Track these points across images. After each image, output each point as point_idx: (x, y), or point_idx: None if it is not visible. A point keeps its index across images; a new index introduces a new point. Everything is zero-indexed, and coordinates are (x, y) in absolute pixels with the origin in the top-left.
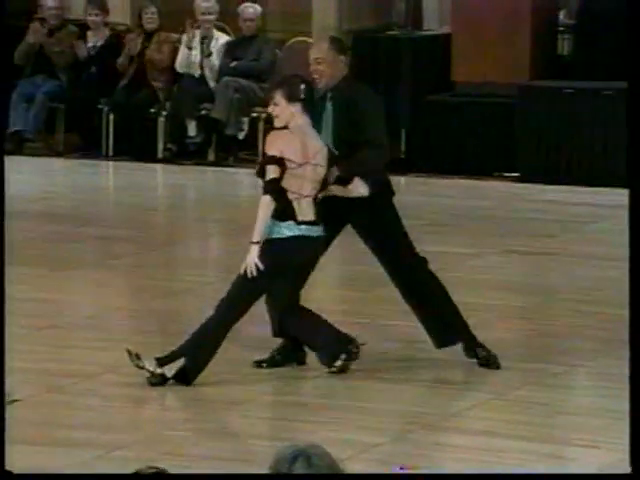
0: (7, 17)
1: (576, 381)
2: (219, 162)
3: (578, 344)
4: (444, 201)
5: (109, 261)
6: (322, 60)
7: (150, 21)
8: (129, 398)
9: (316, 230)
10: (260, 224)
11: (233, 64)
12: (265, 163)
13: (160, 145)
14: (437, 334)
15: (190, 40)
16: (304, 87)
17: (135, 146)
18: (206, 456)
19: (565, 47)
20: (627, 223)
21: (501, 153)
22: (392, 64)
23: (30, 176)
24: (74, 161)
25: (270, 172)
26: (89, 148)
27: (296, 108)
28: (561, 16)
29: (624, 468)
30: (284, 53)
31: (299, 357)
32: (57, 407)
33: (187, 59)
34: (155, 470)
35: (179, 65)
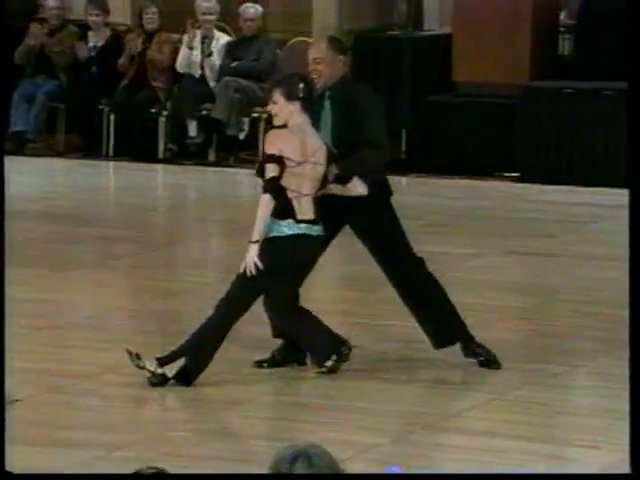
0: (8, 17)
1: (576, 381)
2: (220, 162)
3: (578, 344)
4: (444, 201)
5: (109, 261)
6: (321, 60)
7: (151, 21)
8: (129, 398)
9: (316, 229)
10: (259, 223)
11: (234, 64)
12: (264, 162)
13: (161, 145)
14: (435, 335)
15: (191, 40)
16: (303, 86)
17: (136, 146)
18: (206, 456)
19: (566, 47)
20: (627, 223)
21: (501, 153)
22: (393, 64)
23: (31, 176)
24: (75, 161)
25: (269, 171)
26: (90, 148)
27: (295, 107)
28: (562, 16)
29: (624, 468)
30: (285, 53)
31: (299, 357)
32: (57, 407)
33: (188, 59)
34: (155, 470)
35: (180, 65)
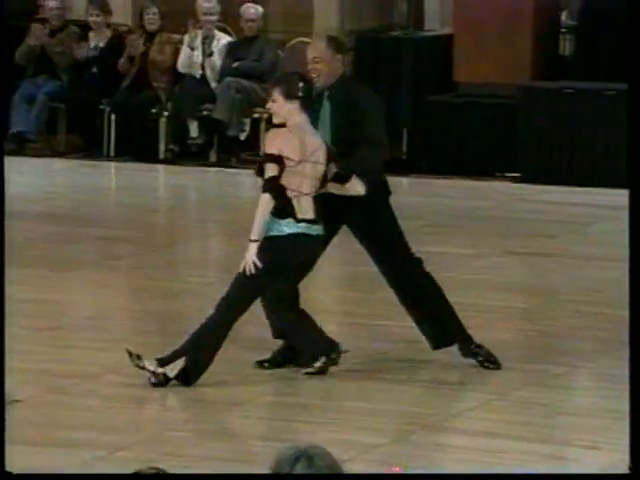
0: (8, 17)
1: (577, 382)
2: (221, 163)
3: (579, 345)
4: (445, 201)
5: (110, 262)
6: (320, 59)
7: (151, 22)
8: (130, 399)
9: (316, 229)
10: (258, 222)
11: (235, 64)
12: (264, 161)
13: (162, 146)
14: (433, 335)
15: (192, 40)
16: (303, 85)
17: (136, 147)
18: (206, 457)
19: (567, 48)
20: (627, 224)
21: (502, 153)
22: (394, 65)
23: (31, 177)
24: (75, 162)
25: (269, 170)
26: (90, 149)
27: (294, 105)
28: (563, 17)
29: (624, 469)
30: (286, 54)
31: (298, 358)
32: (57, 408)
33: (189, 59)
34: (155, 471)
35: (181, 65)
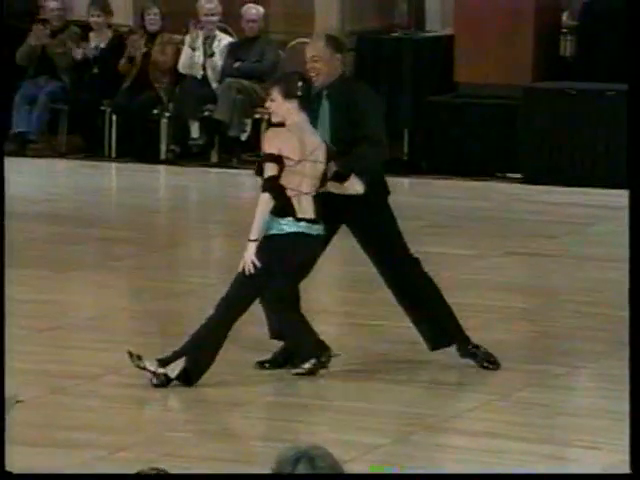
0: (9, 18)
1: (577, 382)
2: (222, 163)
3: (579, 345)
4: (446, 202)
5: (110, 262)
6: (319, 58)
7: (152, 22)
8: (130, 399)
9: (316, 228)
10: (258, 221)
11: (236, 65)
12: (263, 161)
13: (163, 146)
14: (431, 336)
15: (193, 41)
16: (302, 84)
17: (138, 147)
18: (207, 457)
19: (568, 48)
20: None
21: (503, 154)
22: (394, 65)
23: (32, 177)
24: (76, 162)
25: (268, 170)
26: (92, 149)
27: (292, 105)
28: (564, 17)
29: (625, 469)
30: (287, 54)
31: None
32: (58, 408)
33: (190, 60)
34: (156, 471)
35: (182, 66)
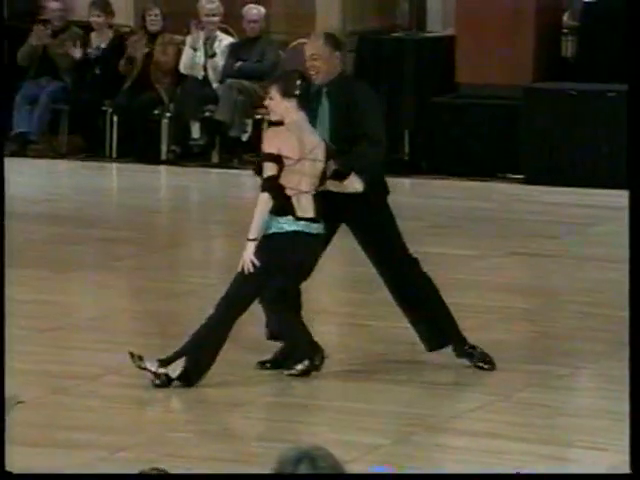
0: (10, 18)
1: (578, 383)
2: (223, 164)
3: (580, 346)
4: (446, 202)
5: (111, 263)
6: (318, 56)
7: (153, 23)
8: (131, 400)
9: (316, 227)
10: (257, 220)
11: (237, 64)
12: (262, 161)
13: (163, 147)
14: (429, 337)
15: (195, 41)
16: (300, 83)
17: (138, 148)
18: (208, 457)
19: (569, 49)
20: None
21: (505, 155)
22: (396, 66)
23: (33, 178)
24: (77, 163)
25: (267, 170)
26: (92, 150)
27: (291, 103)
28: (565, 18)
29: (626, 470)
30: (288, 55)
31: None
32: (59, 409)
33: (191, 61)
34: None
35: (183, 66)
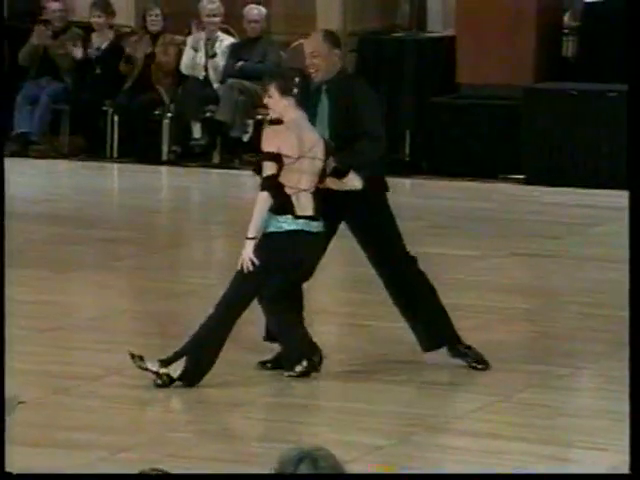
0: (11, 19)
1: (579, 383)
2: (224, 164)
3: (580, 346)
4: (447, 203)
5: (111, 263)
6: (317, 54)
7: (154, 23)
8: (132, 400)
9: (315, 225)
10: (256, 219)
11: (239, 64)
12: (262, 160)
13: (164, 147)
14: (426, 337)
15: (196, 42)
16: (299, 81)
17: (139, 148)
18: (208, 458)
19: (569, 49)
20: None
21: (506, 155)
22: (396, 66)
23: (34, 178)
24: (78, 163)
25: (267, 168)
26: (93, 150)
27: (289, 102)
28: (565, 18)
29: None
30: (288, 55)
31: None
32: (59, 409)
33: (192, 61)
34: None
35: (184, 67)
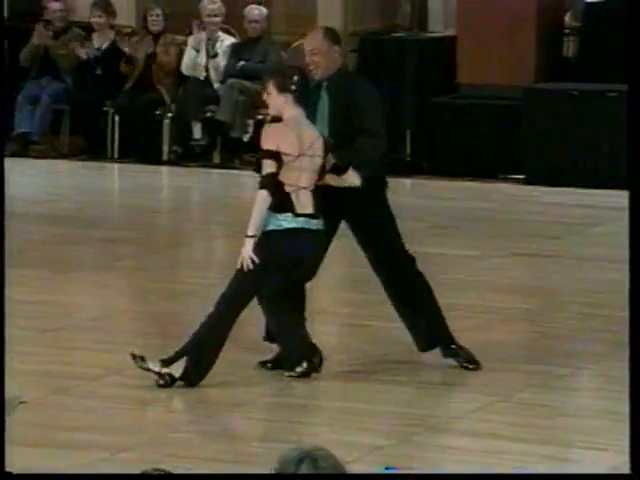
0: (12, 19)
1: (579, 383)
2: (224, 164)
3: (581, 346)
4: (447, 203)
5: (112, 263)
6: (317, 51)
7: (155, 23)
8: (132, 400)
9: (315, 223)
10: (255, 217)
11: (240, 64)
12: (261, 158)
13: (165, 147)
14: (422, 338)
15: (197, 42)
16: (297, 78)
17: (140, 148)
18: (209, 458)
19: (570, 49)
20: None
21: (506, 155)
22: (397, 66)
23: (35, 178)
24: (79, 163)
25: (266, 167)
26: (94, 150)
27: (287, 99)
28: (566, 18)
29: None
30: (289, 55)
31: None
32: (60, 409)
33: (193, 62)
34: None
35: (185, 67)
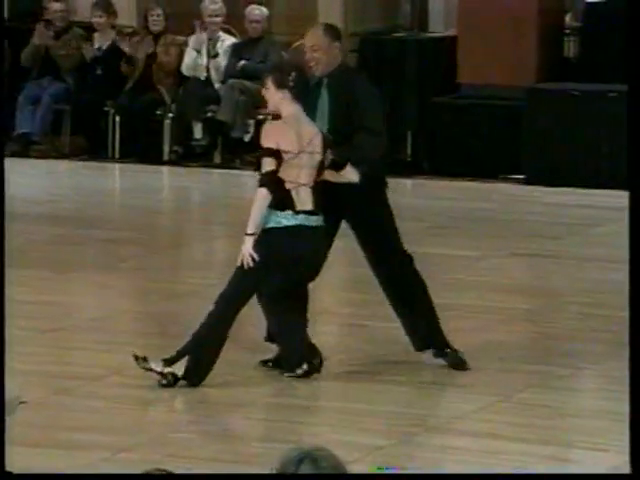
0: (13, 19)
1: (580, 384)
2: (225, 164)
3: (581, 346)
4: (448, 203)
5: (113, 263)
6: (318, 47)
7: (156, 23)
8: (133, 400)
9: (314, 219)
10: (255, 215)
11: (241, 63)
12: (261, 156)
13: (166, 147)
14: (419, 337)
15: (198, 42)
16: (295, 75)
17: (141, 148)
18: (210, 458)
19: (571, 49)
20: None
21: (507, 155)
22: (398, 66)
23: (35, 178)
24: (80, 163)
25: (266, 165)
26: (95, 150)
27: (285, 95)
28: (567, 18)
29: (626, 470)
30: (290, 55)
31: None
32: (60, 409)
33: (194, 62)
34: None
35: (186, 67)
